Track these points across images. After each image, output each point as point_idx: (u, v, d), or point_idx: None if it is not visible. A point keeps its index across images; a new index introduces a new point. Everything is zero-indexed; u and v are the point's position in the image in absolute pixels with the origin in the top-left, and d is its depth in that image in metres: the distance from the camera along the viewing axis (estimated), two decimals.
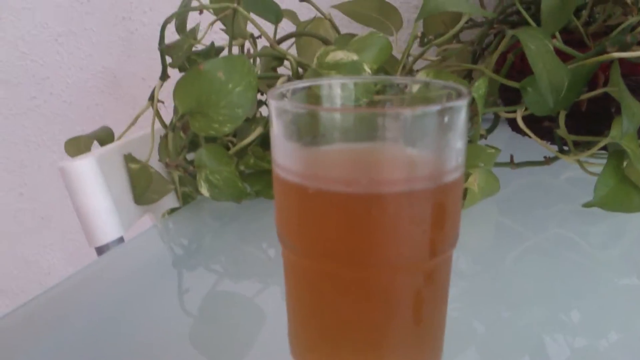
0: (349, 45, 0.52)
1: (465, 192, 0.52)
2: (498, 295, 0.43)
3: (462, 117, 0.27)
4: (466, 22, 0.76)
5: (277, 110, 0.27)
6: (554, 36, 0.61)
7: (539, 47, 0.51)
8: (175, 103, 0.49)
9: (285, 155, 0.28)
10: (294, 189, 0.28)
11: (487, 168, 0.54)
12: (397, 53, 0.68)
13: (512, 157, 0.61)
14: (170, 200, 0.63)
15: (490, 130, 0.62)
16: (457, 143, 0.28)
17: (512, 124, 0.72)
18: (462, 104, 0.27)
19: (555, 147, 0.60)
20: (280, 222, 0.30)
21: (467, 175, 0.52)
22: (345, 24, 0.90)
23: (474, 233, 0.55)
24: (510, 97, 0.64)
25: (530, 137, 0.58)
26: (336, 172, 0.27)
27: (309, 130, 0.27)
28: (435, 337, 0.31)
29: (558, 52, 0.57)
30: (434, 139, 0.27)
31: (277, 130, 0.28)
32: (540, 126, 0.63)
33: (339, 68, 0.48)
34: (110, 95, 1.27)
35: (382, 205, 0.26)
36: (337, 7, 0.78)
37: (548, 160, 0.61)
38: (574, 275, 0.45)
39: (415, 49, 0.82)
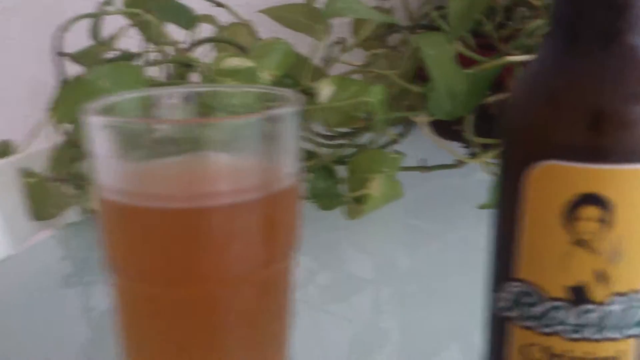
0: (251, 51, 0.52)
1: (367, 198, 0.52)
2: (409, 297, 0.43)
3: (288, 125, 0.27)
4: (392, 27, 0.76)
5: (93, 126, 0.26)
6: (465, 41, 0.61)
7: (439, 52, 0.52)
8: (54, 114, 0.49)
9: (105, 173, 0.27)
10: (116, 208, 0.27)
11: (389, 173, 0.54)
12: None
13: (422, 160, 0.61)
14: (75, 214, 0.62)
15: (402, 135, 0.62)
16: (286, 152, 0.28)
17: (437, 129, 0.72)
18: (286, 112, 0.27)
19: (465, 150, 0.60)
20: (107, 246, 0.29)
21: (368, 181, 0.52)
22: (277, 30, 0.90)
23: (384, 237, 0.55)
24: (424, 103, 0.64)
25: (436, 140, 0.58)
26: (154, 188, 0.27)
27: (127, 146, 0.26)
28: (277, 348, 0.31)
29: (464, 57, 0.57)
30: (257, 148, 0.27)
31: (94, 148, 0.27)
32: (451, 129, 0.63)
33: (235, 75, 0.48)
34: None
35: (204, 220, 0.26)
36: (265, 11, 0.77)
37: (459, 163, 0.61)
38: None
39: (343, 55, 0.82)
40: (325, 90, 0.51)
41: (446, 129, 0.69)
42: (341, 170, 0.56)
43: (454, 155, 0.58)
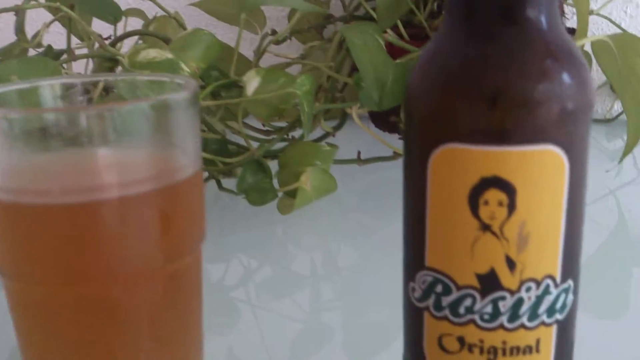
0: (171, 43, 0.50)
1: (298, 191, 0.51)
2: (351, 292, 0.42)
3: (182, 113, 0.26)
4: (329, 18, 0.75)
5: None
6: (397, 31, 0.60)
7: (366, 42, 0.51)
8: None
9: None
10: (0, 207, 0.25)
11: (322, 167, 0.53)
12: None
13: (359, 153, 0.60)
14: None
15: (337, 128, 0.61)
16: (182, 141, 0.26)
17: (374, 119, 0.72)
18: (178, 98, 0.25)
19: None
20: None
21: (299, 175, 0.51)
22: (209, 23, 0.88)
23: (322, 232, 0.54)
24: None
25: (370, 132, 0.57)
26: (38, 184, 0.25)
27: (7, 138, 0.25)
28: (189, 346, 0.29)
29: (397, 47, 0.56)
30: (149, 138, 0.25)
31: None
32: (388, 121, 0.62)
33: (153, 67, 0.46)
34: None
35: (93, 215, 0.24)
36: (197, 4, 0.75)
37: (396, 155, 0.60)
38: None
39: (281, 48, 0.80)
40: (252, 83, 0.50)
41: (383, 120, 0.68)
42: (274, 166, 0.55)
43: (391, 148, 0.57)
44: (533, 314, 0.25)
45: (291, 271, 0.47)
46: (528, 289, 0.25)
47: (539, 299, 0.25)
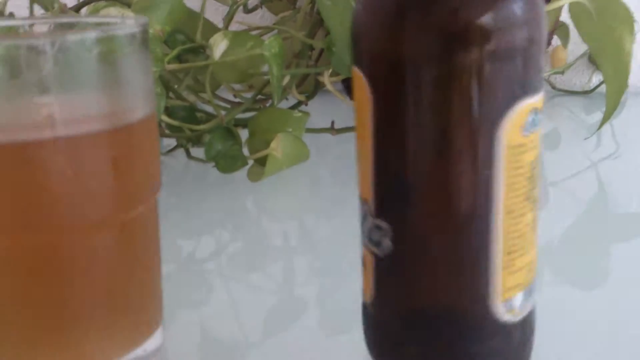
0: (133, 4, 0.48)
1: (268, 158, 0.49)
2: (325, 264, 0.41)
3: (128, 50, 0.24)
4: None
5: None
6: None
7: (336, 2, 0.49)
8: None
9: None
10: None
11: (294, 133, 0.51)
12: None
13: (332, 122, 0.58)
14: None
15: (310, 96, 0.59)
16: (130, 80, 0.24)
17: (348, 89, 0.70)
18: (122, 34, 0.23)
19: None
20: None
21: (269, 141, 0.49)
22: None
23: (295, 203, 0.53)
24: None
25: (344, 99, 0.55)
26: None
27: None
28: (147, 299, 0.27)
29: None
30: (91, 75, 0.23)
31: None
32: None
33: None
34: None
35: (36, 155, 0.22)
36: None
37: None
38: None
39: (251, 20, 0.79)
40: (219, 46, 0.48)
41: None
42: (244, 135, 0.53)
43: None
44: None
45: (264, 243, 0.45)
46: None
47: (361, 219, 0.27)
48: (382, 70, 0.23)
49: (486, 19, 0.21)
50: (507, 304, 0.24)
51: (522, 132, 0.22)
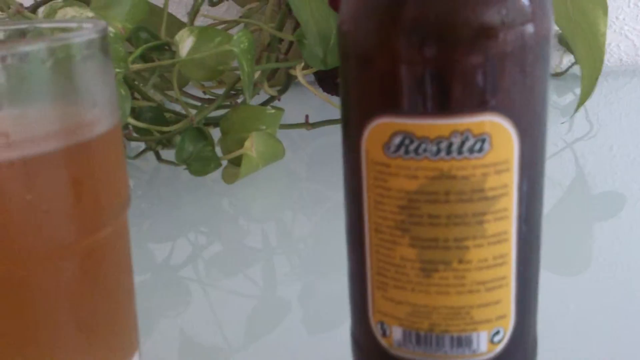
0: (92, 2, 0.46)
1: (243, 158, 0.48)
2: (306, 264, 0.39)
3: (86, 58, 0.22)
4: None
5: None
6: None
7: None
8: None
9: None
10: None
11: (268, 131, 0.49)
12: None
13: (307, 117, 0.57)
14: None
15: (282, 91, 0.58)
16: (90, 91, 0.22)
17: (320, 82, 0.68)
18: (82, 39, 0.22)
19: None
20: None
21: (243, 140, 0.47)
22: None
23: (272, 202, 0.51)
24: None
25: (317, 93, 0.54)
26: None
27: None
28: (120, 328, 0.26)
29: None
30: (45, 88, 0.21)
31: None
32: (336, 82, 0.59)
33: None
34: None
35: None
36: None
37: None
38: None
39: (218, 13, 0.76)
40: (185, 43, 0.46)
41: (331, 82, 0.65)
42: (216, 134, 0.52)
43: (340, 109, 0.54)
44: None
45: (242, 245, 0.43)
46: None
47: None
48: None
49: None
50: (381, 327, 0.23)
51: (385, 152, 0.20)
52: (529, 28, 0.19)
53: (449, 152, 0.20)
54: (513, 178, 0.20)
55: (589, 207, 0.45)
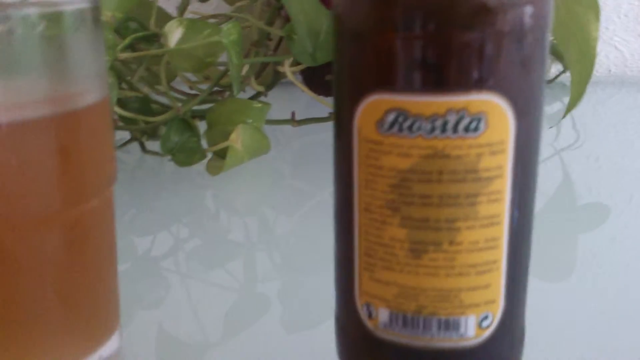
0: None
1: (228, 151, 0.47)
2: (287, 260, 0.39)
3: (76, 28, 0.21)
4: None
5: None
6: None
7: None
8: None
9: None
10: None
11: (254, 124, 0.49)
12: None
13: (293, 114, 0.56)
14: None
15: (269, 87, 0.57)
16: (80, 62, 0.22)
17: (307, 81, 0.68)
18: (72, 9, 0.21)
19: None
20: None
21: (229, 133, 0.47)
22: None
23: (255, 197, 0.51)
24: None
25: (305, 90, 0.53)
26: None
27: None
28: (101, 304, 0.25)
29: None
30: (35, 56, 0.21)
31: None
32: (325, 81, 0.59)
33: None
34: None
35: None
36: None
37: (332, 116, 0.57)
38: None
39: (207, 10, 0.76)
40: (174, 34, 0.46)
41: (319, 80, 0.65)
42: (202, 127, 0.51)
43: (327, 106, 0.54)
44: None
45: (223, 239, 0.43)
46: None
47: None
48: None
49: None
50: (367, 308, 0.23)
51: (378, 129, 0.20)
52: (529, 9, 0.19)
53: (443, 130, 0.20)
54: (508, 160, 0.20)
55: (573, 217, 0.45)
